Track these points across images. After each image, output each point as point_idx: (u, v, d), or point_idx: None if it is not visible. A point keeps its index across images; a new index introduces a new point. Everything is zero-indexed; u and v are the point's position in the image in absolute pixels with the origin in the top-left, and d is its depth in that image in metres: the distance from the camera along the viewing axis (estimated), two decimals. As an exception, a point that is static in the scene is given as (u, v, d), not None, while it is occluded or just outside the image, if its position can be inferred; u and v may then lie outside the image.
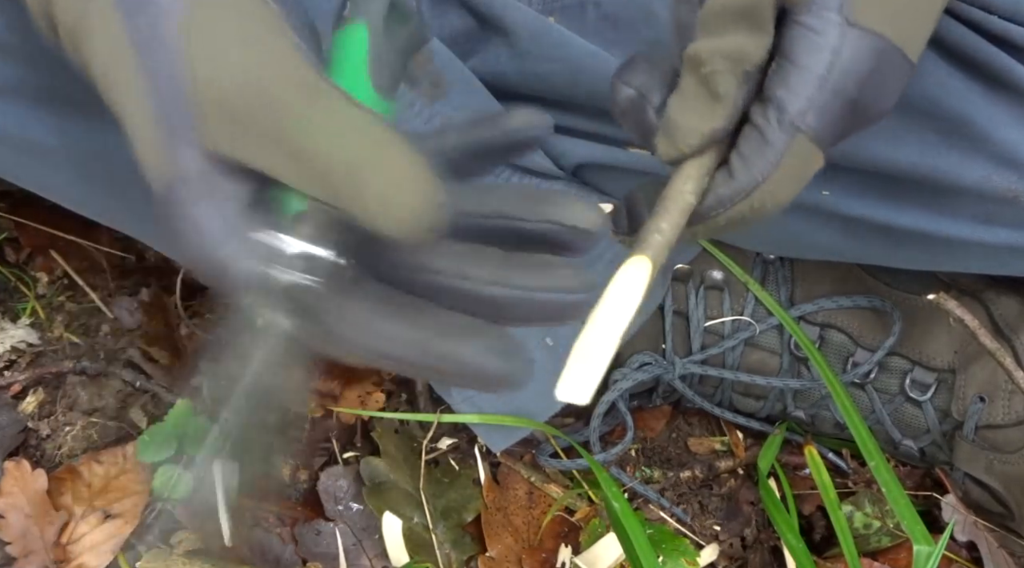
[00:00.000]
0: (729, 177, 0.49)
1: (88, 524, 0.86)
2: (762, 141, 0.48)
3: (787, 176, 0.49)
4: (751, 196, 0.49)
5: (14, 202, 1.01)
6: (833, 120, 0.48)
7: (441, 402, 0.92)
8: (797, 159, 0.49)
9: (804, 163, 0.49)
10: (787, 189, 0.50)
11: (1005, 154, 0.67)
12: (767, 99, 0.48)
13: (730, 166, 0.49)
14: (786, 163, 0.48)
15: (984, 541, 0.90)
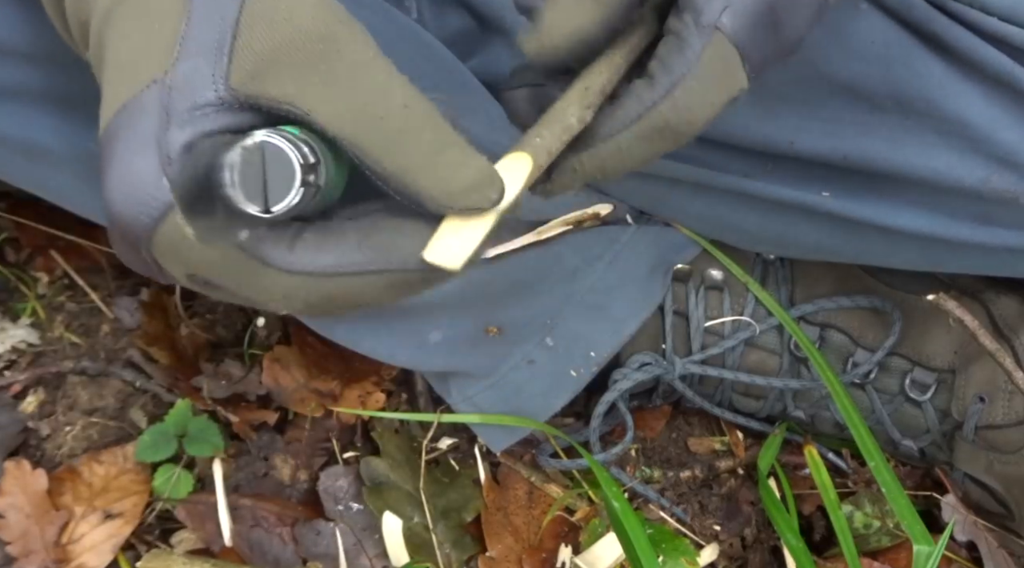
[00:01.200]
0: (650, 81, 0.48)
1: (88, 524, 0.87)
2: (680, 43, 0.47)
3: (708, 79, 0.47)
4: (671, 95, 0.47)
5: (14, 202, 1.01)
6: (750, 21, 0.47)
7: (441, 402, 0.92)
8: (717, 61, 0.47)
9: (725, 67, 0.48)
10: (708, 96, 0.48)
11: (1004, 155, 0.67)
12: (682, 6, 0.48)
13: (649, 71, 0.48)
14: (705, 63, 0.47)
15: (984, 541, 0.90)
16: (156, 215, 0.43)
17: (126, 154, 0.43)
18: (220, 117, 0.44)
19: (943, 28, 0.65)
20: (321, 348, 0.97)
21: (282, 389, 0.95)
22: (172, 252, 0.44)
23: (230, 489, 0.90)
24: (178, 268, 0.45)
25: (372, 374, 0.96)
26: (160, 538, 0.89)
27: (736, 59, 0.48)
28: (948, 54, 0.66)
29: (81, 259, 1.01)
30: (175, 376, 0.94)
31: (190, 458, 0.90)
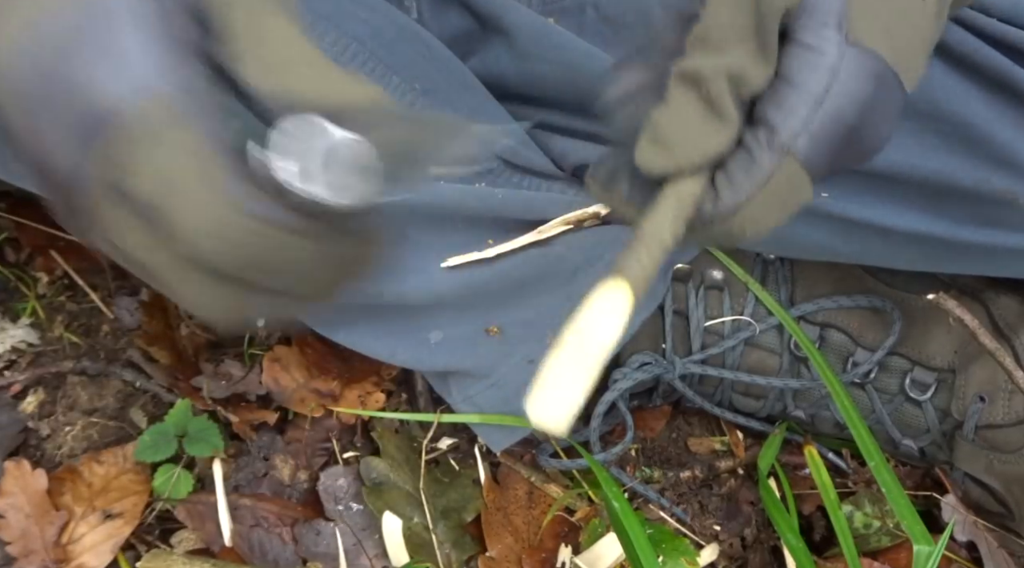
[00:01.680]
0: (715, 196, 0.47)
1: (88, 524, 0.87)
2: (750, 161, 0.46)
3: (772, 200, 0.47)
4: (733, 218, 0.47)
5: (14, 202, 1.01)
6: (826, 146, 0.47)
7: (441, 402, 0.92)
8: (784, 183, 0.47)
9: (791, 188, 0.47)
10: (770, 214, 0.48)
11: (1004, 156, 0.67)
12: (760, 120, 0.47)
13: (716, 186, 0.47)
14: (773, 186, 0.47)
15: (984, 541, 0.90)
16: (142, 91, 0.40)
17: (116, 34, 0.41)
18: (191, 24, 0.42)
19: (944, 29, 0.65)
20: (321, 348, 0.97)
21: (282, 389, 0.95)
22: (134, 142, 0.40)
23: (230, 489, 0.90)
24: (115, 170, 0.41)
25: (372, 374, 0.96)
26: (160, 538, 0.89)
27: (805, 180, 0.47)
28: (948, 55, 0.66)
29: (81, 259, 1.01)
30: (175, 376, 0.94)
31: (190, 458, 0.90)
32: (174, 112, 0.40)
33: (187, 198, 0.41)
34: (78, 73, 0.41)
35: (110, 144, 0.41)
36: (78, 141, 0.41)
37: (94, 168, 0.41)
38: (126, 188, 0.41)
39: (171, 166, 0.40)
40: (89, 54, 0.41)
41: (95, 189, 0.42)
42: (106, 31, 0.41)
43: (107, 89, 0.40)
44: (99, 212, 0.42)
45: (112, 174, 0.41)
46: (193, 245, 0.41)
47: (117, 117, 0.40)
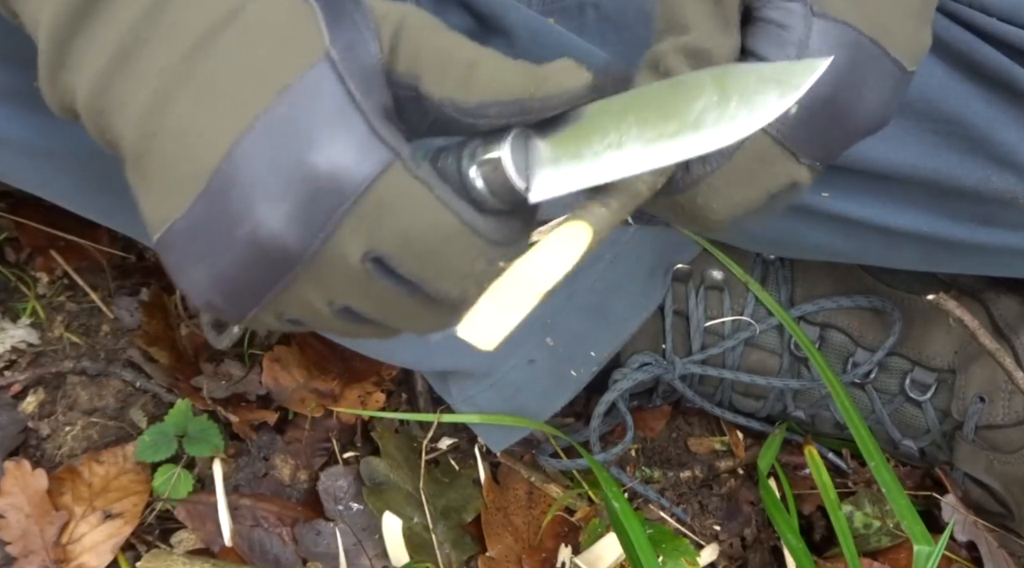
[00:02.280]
0: (685, 166, 0.48)
1: (88, 524, 0.87)
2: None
3: (738, 174, 0.48)
4: (698, 188, 0.48)
5: (14, 202, 1.01)
6: (801, 121, 0.46)
7: (441, 402, 0.92)
8: (750, 157, 0.47)
9: (761, 163, 0.48)
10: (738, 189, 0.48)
11: (1004, 156, 0.67)
12: None
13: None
14: (738, 160, 0.47)
15: (984, 541, 0.90)
16: (372, 172, 0.43)
17: (324, 125, 0.43)
18: (383, 86, 0.45)
19: (943, 28, 0.65)
20: (321, 348, 0.97)
21: (282, 389, 0.95)
22: (375, 213, 0.43)
23: (230, 489, 0.90)
24: (363, 241, 0.44)
25: (372, 374, 0.96)
26: (160, 538, 0.89)
27: (777, 155, 0.47)
28: (948, 55, 0.66)
29: (81, 259, 1.01)
30: (175, 376, 0.94)
31: (190, 458, 0.90)
32: (408, 174, 0.43)
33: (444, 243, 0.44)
34: (309, 156, 0.43)
35: (358, 217, 0.43)
36: (309, 221, 0.44)
37: (342, 243, 0.44)
38: (381, 252, 0.44)
39: (424, 221, 0.44)
40: (316, 137, 0.43)
41: (331, 262, 0.44)
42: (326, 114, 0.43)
43: (344, 168, 0.43)
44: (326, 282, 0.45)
45: (363, 243, 0.44)
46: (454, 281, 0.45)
47: (364, 191, 0.43)
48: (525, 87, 0.44)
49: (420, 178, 0.43)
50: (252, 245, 0.44)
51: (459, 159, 0.45)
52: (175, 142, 0.45)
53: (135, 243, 1.02)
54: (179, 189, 0.45)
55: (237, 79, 0.44)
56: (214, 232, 0.45)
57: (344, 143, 0.43)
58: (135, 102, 0.45)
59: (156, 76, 0.45)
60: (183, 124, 0.45)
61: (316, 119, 0.43)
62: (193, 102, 0.44)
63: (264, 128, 0.43)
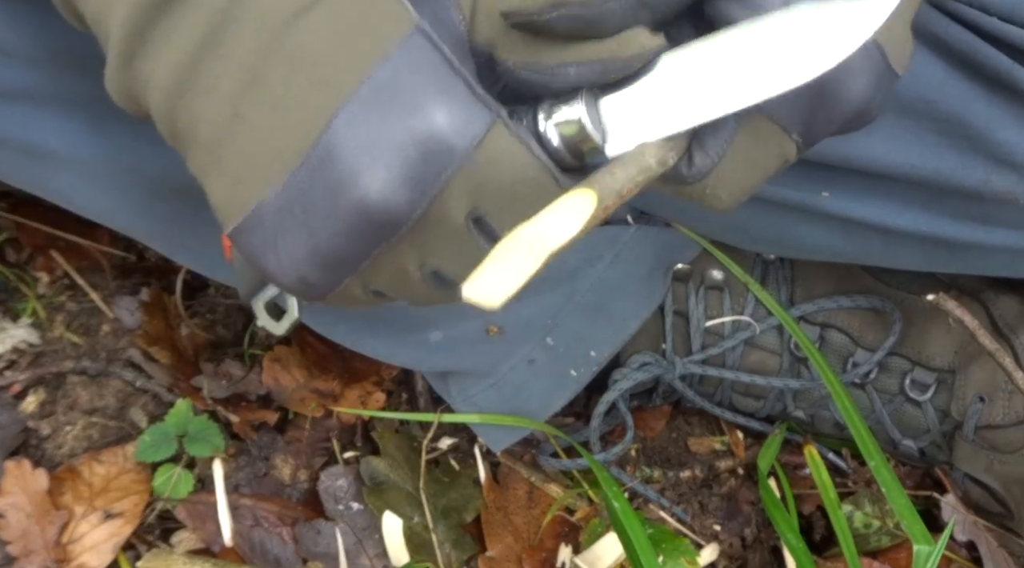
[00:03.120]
0: (689, 160, 0.49)
1: (88, 524, 0.87)
2: (715, 123, 0.47)
3: (742, 158, 0.49)
4: (707, 180, 0.49)
5: (14, 202, 1.01)
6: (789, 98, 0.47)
7: (441, 402, 0.92)
8: (751, 139, 0.48)
9: (760, 144, 0.48)
10: (743, 174, 0.49)
11: (1004, 155, 0.67)
12: None
13: (690, 152, 0.49)
14: (739, 143, 0.48)
15: (984, 541, 0.90)
16: (479, 132, 0.45)
17: (430, 88, 0.45)
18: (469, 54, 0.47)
19: (943, 28, 0.65)
20: (321, 348, 0.97)
21: (282, 389, 0.95)
22: (481, 172, 0.45)
23: (230, 489, 0.90)
24: (468, 200, 0.46)
25: (372, 374, 0.96)
26: (160, 538, 0.89)
27: (773, 132, 0.48)
28: (948, 54, 0.66)
29: (81, 259, 1.01)
30: (175, 376, 0.94)
31: (190, 458, 0.90)
32: (511, 134, 0.45)
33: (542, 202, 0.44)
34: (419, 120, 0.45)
35: (465, 176, 0.45)
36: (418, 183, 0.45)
37: (449, 203, 0.46)
38: (483, 209, 0.46)
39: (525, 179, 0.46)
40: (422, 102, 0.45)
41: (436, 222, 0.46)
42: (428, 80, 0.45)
43: (453, 129, 0.45)
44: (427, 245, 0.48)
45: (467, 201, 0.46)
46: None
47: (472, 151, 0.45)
48: (608, 48, 0.45)
49: (519, 137, 0.45)
50: (358, 213, 0.45)
51: (535, 119, 0.47)
52: (268, 118, 0.45)
53: (135, 243, 1.02)
54: (270, 166, 0.46)
55: (330, 52, 0.45)
56: (314, 204, 0.45)
57: (449, 106, 0.44)
58: (224, 83, 0.46)
59: (246, 55, 0.45)
60: (277, 99, 0.45)
61: (419, 85, 0.44)
62: (286, 76, 0.45)
63: (367, 96, 0.44)
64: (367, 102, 0.44)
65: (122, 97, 0.49)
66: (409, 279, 0.49)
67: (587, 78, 0.46)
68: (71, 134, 0.64)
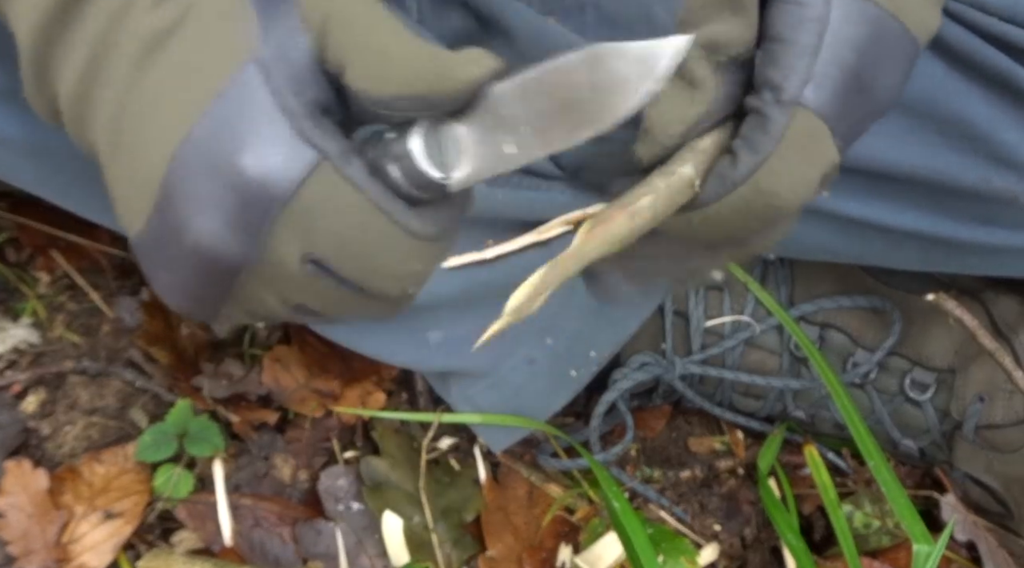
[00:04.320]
0: (733, 160, 0.48)
1: (89, 524, 0.87)
2: (763, 119, 0.47)
3: (793, 152, 0.47)
4: (756, 176, 0.47)
5: (14, 202, 1.01)
6: (835, 92, 0.47)
7: (441, 402, 0.92)
8: (802, 134, 0.47)
9: (812, 140, 0.48)
10: (795, 168, 0.48)
11: (1005, 155, 0.67)
12: (762, 84, 0.47)
13: (733, 150, 0.48)
14: (791, 137, 0.47)
15: (984, 541, 0.90)
16: (299, 175, 0.43)
17: (248, 130, 0.43)
18: (318, 81, 0.45)
19: (943, 28, 0.65)
20: (321, 348, 0.97)
21: (282, 389, 0.95)
22: (306, 216, 0.44)
23: (230, 489, 0.90)
24: (298, 244, 0.44)
25: (372, 374, 0.96)
26: (160, 538, 0.89)
27: (824, 132, 0.48)
28: (948, 54, 0.66)
29: (81, 259, 1.01)
30: (175, 376, 0.94)
31: (190, 458, 0.90)
32: (336, 175, 0.44)
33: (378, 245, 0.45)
34: (236, 164, 0.44)
35: (290, 221, 0.44)
36: (245, 229, 0.44)
37: (279, 248, 0.45)
38: (317, 254, 0.45)
39: (355, 222, 0.44)
40: (242, 144, 0.44)
41: (272, 266, 0.45)
42: (252, 119, 0.44)
43: (271, 173, 0.43)
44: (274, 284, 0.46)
45: (298, 246, 0.45)
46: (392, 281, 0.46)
47: (292, 195, 0.44)
48: (430, 79, 0.43)
49: (349, 178, 0.44)
50: (197, 255, 0.45)
51: (377, 152, 0.45)
52: (130, 153, 0.46)
53: (135, 243, 1.02)
54: (138, 199, 0.46)
55: (178, 86, 0.45)
56: (168, 243, 0.46)
57: (269, 147, 0.43)
58: (101, 113, 0.46)
59: (115, 85, 0.45)
60: (135, 134, 0.45)
61: (243, 124, 0.43)
62: (141, 112, 0.45)
63: (198, 136, 0.44)
64: (198, 144, 0.44)
65: (43, 112, 0.50)
66: (280, 310, 0.48)
67: (417, 110, 0.44)
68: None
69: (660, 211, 0.47)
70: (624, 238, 0.46)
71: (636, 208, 0.46)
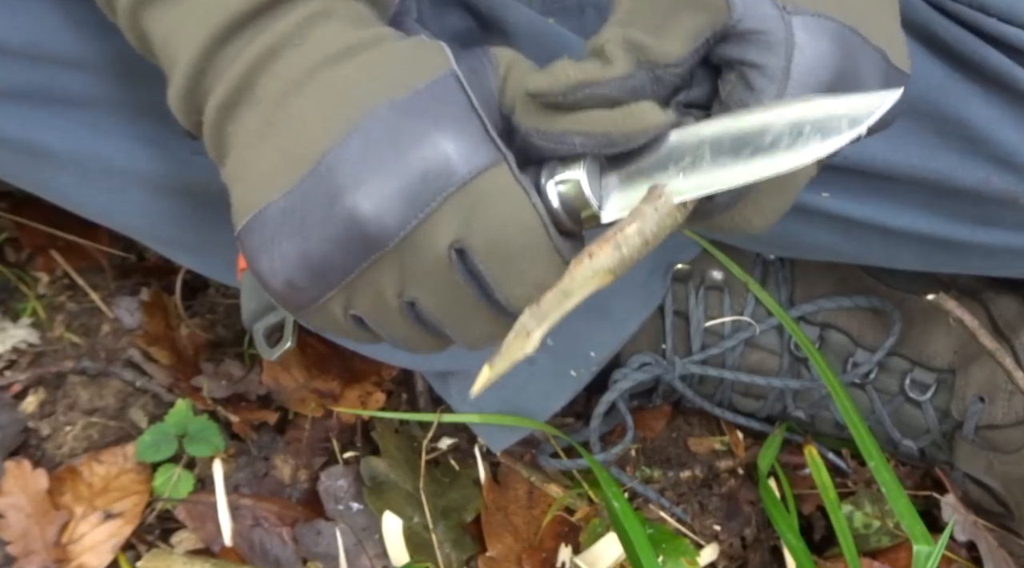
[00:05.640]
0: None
1: (88, 524, 0.87)
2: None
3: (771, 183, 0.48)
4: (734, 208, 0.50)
5: (14, 202, 1.01)
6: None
7: (441, 402, 0.92)
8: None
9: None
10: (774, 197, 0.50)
11: (1004, 156, 0.67)
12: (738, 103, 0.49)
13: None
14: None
15: (984, 541, 0.90)
16: (480, 165, 0.47)
17: (444, 117, 0.47)
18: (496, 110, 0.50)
19: (943, 28, 0.65)
20: (321, 348, 0.97)
21: (282, 389, 0.95)
22: (473, 202, 0.47)
23: (230, 489, 0.90)
24: (453, 229, 0.47)
25: (372, 374, 0.96)
26: (160, 538, 0.89)
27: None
28: (948, 55, 0.66)
29: (81, 259, 1.01)
30: (175, 376, 0.94)
31: (190, 458, 0.90)
32: (511, 176, 0.47)
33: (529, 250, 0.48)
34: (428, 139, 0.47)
35: (458, 204, 0.47)
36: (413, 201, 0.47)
37: (436, 228, 0.47)
38: (469, 243, 0.47)
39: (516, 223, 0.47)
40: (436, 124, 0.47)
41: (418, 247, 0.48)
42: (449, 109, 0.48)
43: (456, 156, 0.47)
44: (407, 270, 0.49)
45: (455, 230, 0.47)
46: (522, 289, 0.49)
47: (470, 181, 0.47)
48: (612, 121, 0.47)
49: (520, 181, 0.47)
50: (350, 220, 0.47)
51: (538, 176, 0.49)
52: (294, 127, 0.48)
53: (135, 243, 1.02)
54: (285, 171, 0.48)
55: (367, 79, 0.48)
56: (313, 208, 0.47)
57: (461, 136, 0.47)
58: (267, 95, 0.48)
59: (293, 73, 0.48)
60: (307, 110, 0.48)
61: (438, 113, 0.47)
62: (320, 92, 0.48)
63: (387, 114, 0.47)
64: (387, 118, 0.47)
65: (184, 112, 0.52)
66: (387, 306, 0.50)
67: (590, 147, 0.48)
68: (69, 134, 0.64)
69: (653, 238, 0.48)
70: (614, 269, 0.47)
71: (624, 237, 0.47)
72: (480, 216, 0.47)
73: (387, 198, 0.46)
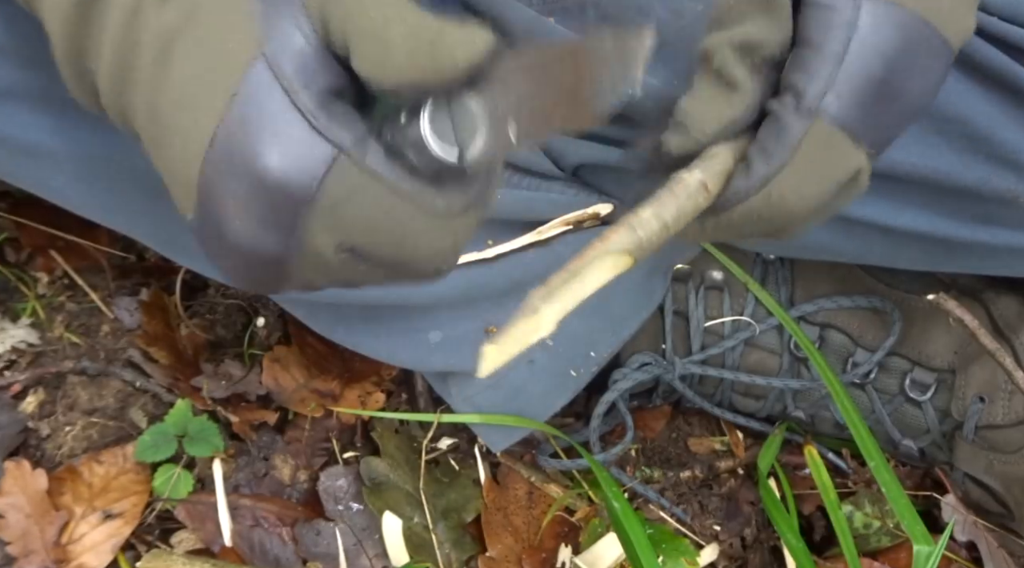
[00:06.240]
0: (746, 168, 0.47)
1: (88, 524, 0.87)
2: (779, 127, 0.47)
3: (807, 165, 0.47)
4: (768, 186, 0.47)
5: (14, 202, 1.01)
6: (859, 101, 0.46)
7: (441, 402, 0.92)
8: (818, 146, 0.47)
9: (828, 151, 0.47)
10: (809, 181, 0.48)
11: (1005, 155, 0.67)
12: (786, 87, 0.47)
13: (748, 157, 0.48)
14: (805, 149, 0.47)
15: (984, 541, 0.90)
16: (319, 172, 0.44)
17: (264, 131, 0.44)
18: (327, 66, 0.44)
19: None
20: (321, 348, 0.97)
21: (282, 389, 0.95)
22: (333, 211, 0.44)
23: (230, 489, 0.90)
24: (331, 236, 0.45)
25: (372, 374, 0.96)
26: (160, 538, 0.89)
27: (842, 142, 0.47)
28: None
29: (81, 259, 1.01)
30: (175, 376, 0.94)
31: (190, 458, 0.90)
32: (354, 167, 0.44)
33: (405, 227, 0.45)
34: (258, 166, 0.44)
35: (320, 217, 0.44)
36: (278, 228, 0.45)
37: (315, 241, 0.45)
38: (351, 243, 0.45)
39: (379, 210, 0.45)
40: (261, 145, 0.44)
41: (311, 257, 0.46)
42: (267, 119, 0.44)
43: (291, 173, 0.44)
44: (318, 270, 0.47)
45: (332, 238, 0.45)
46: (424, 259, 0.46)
47: (316, 192, 0.44)
48: (427, 66, 0.43)
49: (367, 168, 0.44)
50: (241, 251, 0.46)
51: (394, 134, 0.45)
52: (168, 153, 0.47)
53: (135, 243, 1.02)
54: (184, 196, 0.47)
55: (196, 87, 0.45)
56: (214, 236, 0.47)
57: (287, 146, 0.44)
58: (138, 113, 0.47)
59: (142, 86, 0.46)
60: (168, 135, 0.46)
61: (260, 124, 0.44)
62: (169, 113, 0.46)
63: (221, 139, 0.44)
64: (222, 148, 0.44)
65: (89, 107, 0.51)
66: (330, 283, 0.50)
67: (422, 94, 0.44)
68: (67, 133, 0.64)
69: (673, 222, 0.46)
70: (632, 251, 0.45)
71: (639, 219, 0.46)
72: (346, 221, 0.45)
73: (256, 233, 0.45)
